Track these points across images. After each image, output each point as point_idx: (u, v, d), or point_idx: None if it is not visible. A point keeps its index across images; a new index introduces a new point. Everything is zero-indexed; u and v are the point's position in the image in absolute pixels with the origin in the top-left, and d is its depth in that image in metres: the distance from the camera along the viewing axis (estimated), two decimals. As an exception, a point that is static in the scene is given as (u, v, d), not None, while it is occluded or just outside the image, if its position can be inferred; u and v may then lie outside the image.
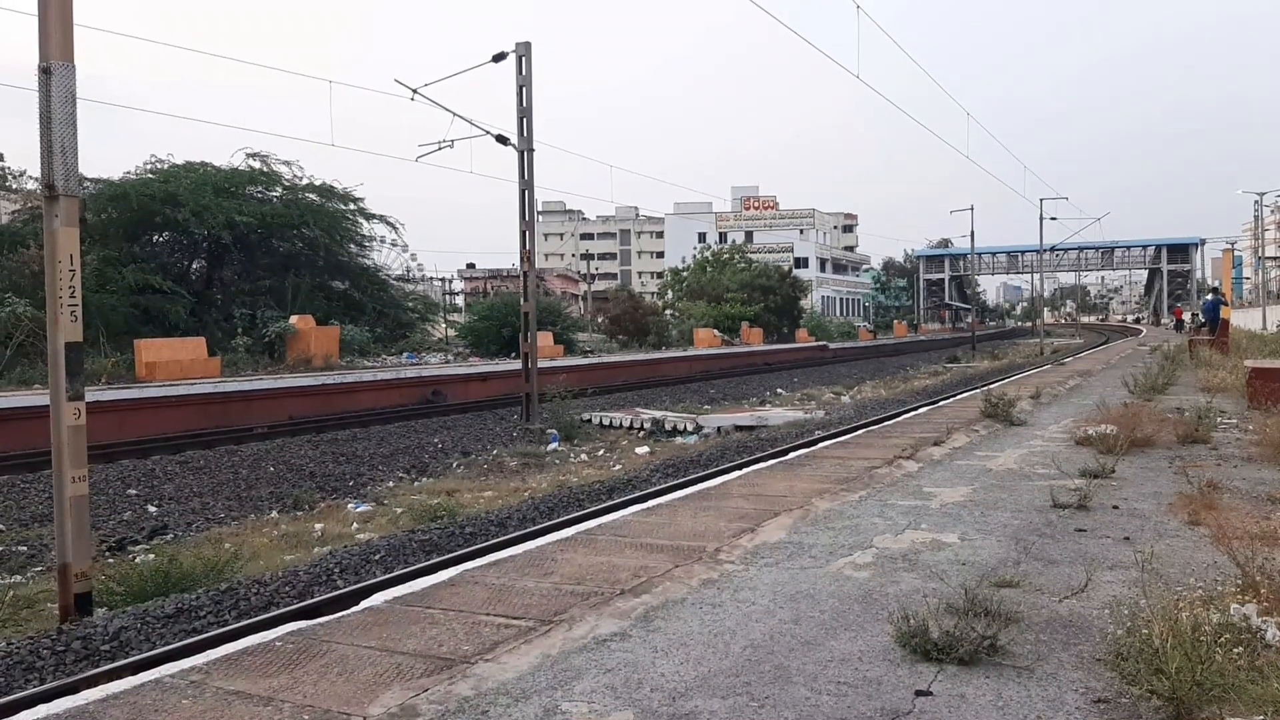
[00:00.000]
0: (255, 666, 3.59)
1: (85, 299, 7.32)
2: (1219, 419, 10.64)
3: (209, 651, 3.91)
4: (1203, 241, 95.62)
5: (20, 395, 15.65)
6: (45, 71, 6.16)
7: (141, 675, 3.63)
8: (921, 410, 14.75)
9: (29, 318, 19.80)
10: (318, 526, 9.51)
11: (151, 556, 8.07)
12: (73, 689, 4.17)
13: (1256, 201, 65.62)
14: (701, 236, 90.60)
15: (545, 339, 31.02)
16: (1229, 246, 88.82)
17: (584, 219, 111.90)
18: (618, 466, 13.27)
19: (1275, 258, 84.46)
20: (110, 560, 8.04)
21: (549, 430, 16.33)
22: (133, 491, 11.24)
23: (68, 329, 6.20)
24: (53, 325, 6.22)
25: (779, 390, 25.83)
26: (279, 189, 31.95)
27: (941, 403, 16.31)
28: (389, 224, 35.49)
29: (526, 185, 18.18)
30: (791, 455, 9.71)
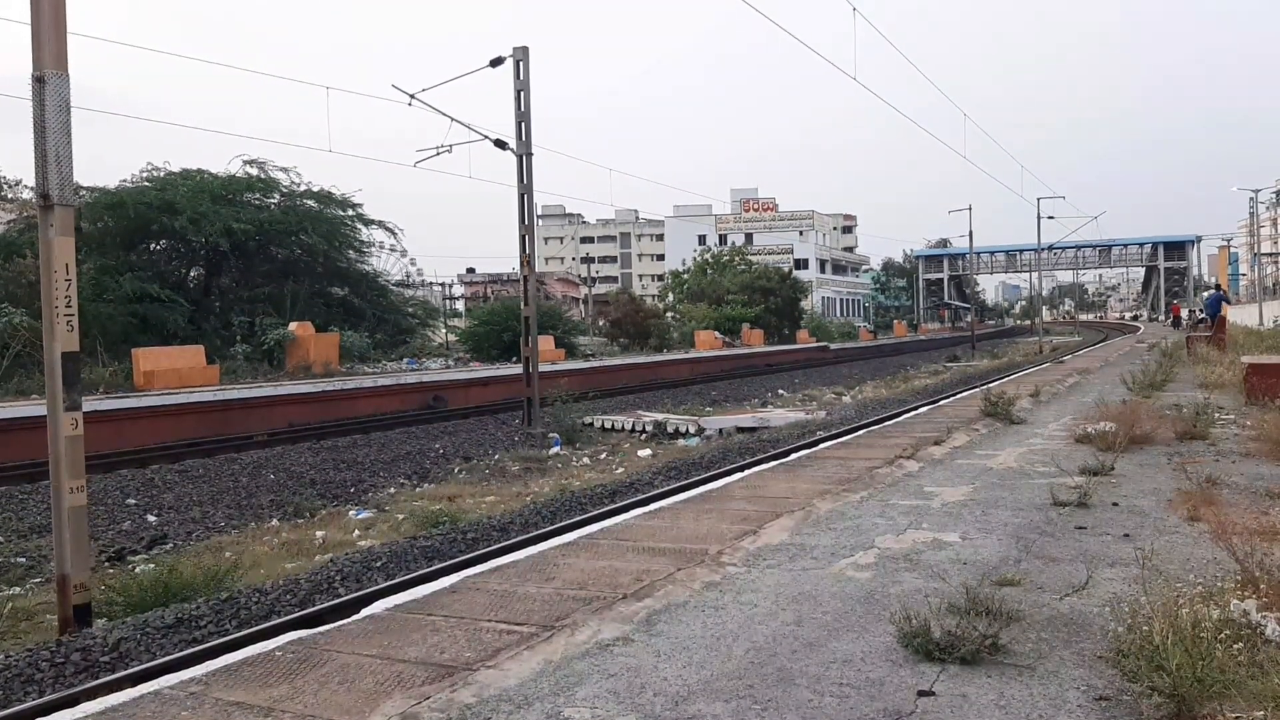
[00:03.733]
0: (255, 677, 3.58)
1: (82, 308, 7.32)
2: (1217, 415, 10.64)
3: (209, 662, 3.90)
4: (1199, 239, 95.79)
5: (18, 406, 15.63)
6: (39, 81, 6.16)
7: (141, 687, 3.62)
8: (922, 410, 14.75)
9: (25, 328, 19.77)
10: (319, 534, 9.49)
11: (151, 566, 8.05)
12: (72, 701, 4.17)
13: (1252, 199, 65.82)
14: (701, 239, 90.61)
15: (546, 343, 31.00)
16: (1225, 243, 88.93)
17: (584, 222, 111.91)
18: (620, 469, 13.26)
19: (1271, 254, 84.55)
20: (109, 571, 8.02)
21: (551, 434, 16.32)
22: (132, 501, 11.23)
23: (64, 339, 6.20)
24: (49, 335, 6.22)
25: (780, 391, 25.83)
26: (277, 196, 31.94)
27: (942, 402, 16.31)
28: (388, 229, 35.50)
29: (526, 189, 18.19)
30: (793, 456, 9.70)
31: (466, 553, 7.94)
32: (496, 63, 17.84)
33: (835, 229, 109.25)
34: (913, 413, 14.40)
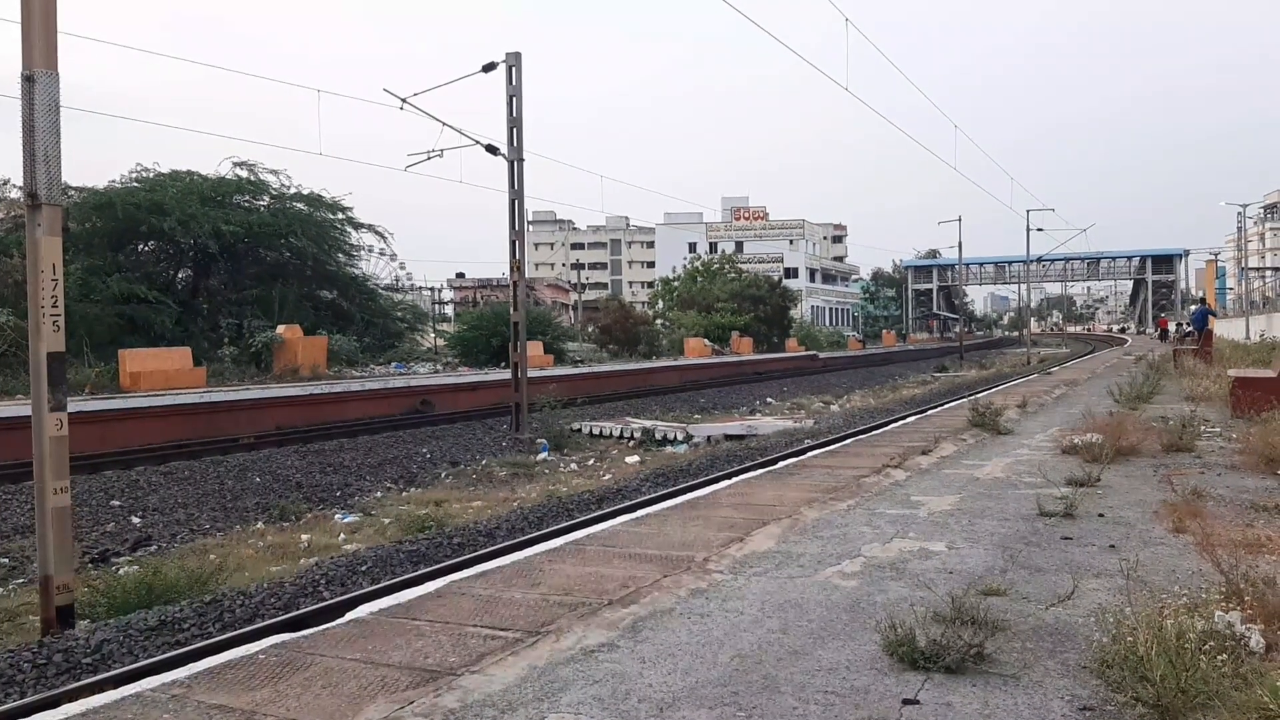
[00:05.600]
0: (238, 680, 3.56)
1: (69, 309, 7.27)
2: (1203, 427, 10.70)
3: (192, 664, 3.87)
4: (1187, 252, 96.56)
5: (2, 406, 15.50)
6: (28, 80, 6.13)
7: (123, 689, 3.59)
8: (910, 419, 14.78)
9: (11, 328, 19.64)
10: (304, 537, 9.45)
11: (135, 568, 7.99)
12: (53, 703, 4.12)
13: (1239, 213, 66.47)
14: (692, 246, 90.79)
15: (535, 348, 30.89)
16: (1213, 257, 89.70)
17: (574, 229, 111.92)
18: (607, 476, 13.24)
19: (1258, 268, 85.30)
20: (93, 572, 7.96)
21: (539, 440, 16.28)
22: (116, 503, 11.14)
23: (50, 339, 6.15)
24: (35, 335, 6.17)
25: (769, 399, 25.86)
26: (266, 198, 31.82)
27: (929, 412, 16.36)
28: (377, 233, 35.43)
29: (516, 195, 18.18)
30: (781, 464, 9.71)
31: (452, 557, 7.91)
32: (489, 68, 17.85)
33: (825, 238, 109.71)
34: (900, 422, 14.43)
